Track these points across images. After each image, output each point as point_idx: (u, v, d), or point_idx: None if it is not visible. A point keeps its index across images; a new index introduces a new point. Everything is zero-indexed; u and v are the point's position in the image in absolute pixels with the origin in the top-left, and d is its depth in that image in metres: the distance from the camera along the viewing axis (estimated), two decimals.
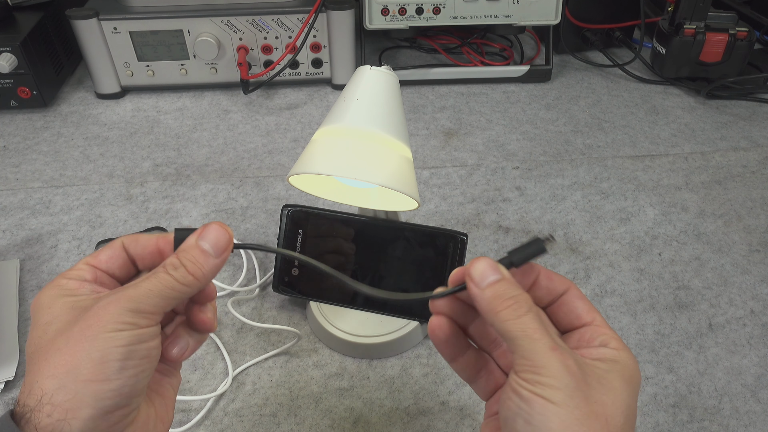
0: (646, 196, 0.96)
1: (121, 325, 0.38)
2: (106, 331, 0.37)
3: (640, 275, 0.83)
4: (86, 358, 0.37)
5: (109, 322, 0.38)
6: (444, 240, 0.65)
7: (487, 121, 1.15)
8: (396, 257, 0.66)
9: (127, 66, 1.18)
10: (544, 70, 1.26)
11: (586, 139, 1.10)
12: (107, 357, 0.37)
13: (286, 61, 1.18)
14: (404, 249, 0.66)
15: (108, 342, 0.37)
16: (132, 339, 0.38)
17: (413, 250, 0.65)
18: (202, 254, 0.41)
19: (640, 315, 0.78)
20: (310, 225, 0.70)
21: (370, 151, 0.57)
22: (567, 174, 1.01)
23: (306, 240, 0.69)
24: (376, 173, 0.56)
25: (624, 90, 1.25)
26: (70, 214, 0.93)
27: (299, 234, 0.69)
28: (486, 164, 1.03)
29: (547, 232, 0.89)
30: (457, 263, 0.65)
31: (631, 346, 0.73)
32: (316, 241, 0.70)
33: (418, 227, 0.65)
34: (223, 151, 1.07)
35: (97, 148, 1.08)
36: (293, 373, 0.71)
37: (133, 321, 0.38)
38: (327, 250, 0.70)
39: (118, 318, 0.38)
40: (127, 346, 0.37)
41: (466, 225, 0.90)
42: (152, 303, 0.39)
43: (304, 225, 0.70)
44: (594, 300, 0.79)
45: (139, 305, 0.39)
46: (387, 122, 0.58)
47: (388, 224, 0.67)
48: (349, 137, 0.57)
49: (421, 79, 1.25)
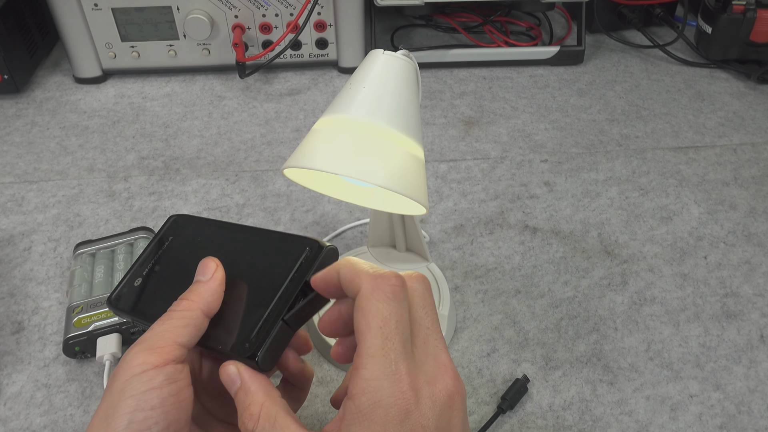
0: (690, 193, 0.97)
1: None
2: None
3: (683, 281, 0.84)
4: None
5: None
6: (298, 248, 0.55)
7: (512, 108, 1.15)
8: (246, 266, 0.57)
9: (109, 47, 1.19)
10: (575, 51, 1.27)
11: (622, 128, 1.10)
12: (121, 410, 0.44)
13: (287, 41, 1.19)
14: (255, 257, 0.60)
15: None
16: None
17: (264, 258, 0.58)
18: (196, 284, 0.51)
19: (683, 326, 0.78)
20: (184, 232, 0.63)
21: (372, 148, 0.57)
22: (601, 168, 1.01)
23: (170, 248, 0.62)
24: (374, 172, 0.56)
25: (665, 74, 1.26)
26: (45, 213, 0.94)
27: (168, 240, 0.62)
28: (511, 157, 1.04)
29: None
30: (307, 275, 0.53)
31: (673, 360, 0.74)
32: (179, 249, 0.62)
33: (277, 234, 0.58)
34: (216, 142, 1.08)
35: (75, 139, 1.09)
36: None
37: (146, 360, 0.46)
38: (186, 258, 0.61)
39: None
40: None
41: (488, 225, 0.91)
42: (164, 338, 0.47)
43: (178, 232, 0.63)
44: (632, 309, 0.80)
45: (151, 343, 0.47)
46: (395, 115, 0.58)
47: (250, 231, 0.62)
48: (350, 130, 0.58)
49: (438, 61, 1.25)
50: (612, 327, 0.78)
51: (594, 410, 0.70)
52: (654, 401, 0.70)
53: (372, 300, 0.43)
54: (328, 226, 0.91)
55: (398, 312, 0.43)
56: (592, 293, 0.82)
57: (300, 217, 0.92)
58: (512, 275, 0.84)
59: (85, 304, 0.74)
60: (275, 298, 0.50)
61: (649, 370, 0.73)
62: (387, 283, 0.44)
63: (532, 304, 0.80)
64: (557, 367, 0.74)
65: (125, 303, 0.58)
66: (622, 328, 0.78)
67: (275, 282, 0.52)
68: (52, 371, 0.73)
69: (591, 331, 0.77)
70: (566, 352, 0.75)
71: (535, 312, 0.80)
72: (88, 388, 0.72)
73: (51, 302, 0.81)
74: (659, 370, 0.73)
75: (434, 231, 0.90)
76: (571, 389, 0.71)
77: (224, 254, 0.56)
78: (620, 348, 0.76)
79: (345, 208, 0.94)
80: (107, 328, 0.72)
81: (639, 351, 0.75)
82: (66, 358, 0.74)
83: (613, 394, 0.71)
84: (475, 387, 0.72)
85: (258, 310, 0.50)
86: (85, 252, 0.81)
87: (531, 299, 0.81)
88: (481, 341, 0.76)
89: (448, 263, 0.86)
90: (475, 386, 0.72)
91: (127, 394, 0.44)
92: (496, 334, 0.77)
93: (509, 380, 0.72)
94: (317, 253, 0.52)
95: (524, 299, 0.81)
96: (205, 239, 0.59)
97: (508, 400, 0.69)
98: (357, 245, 0.88)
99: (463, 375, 0.73)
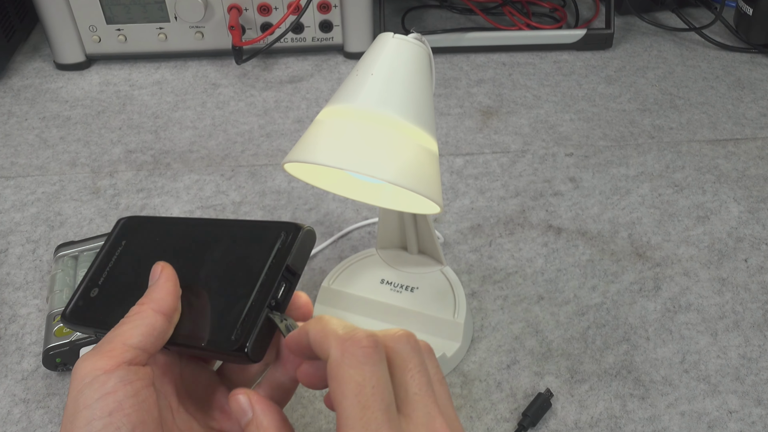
0: (729, 189, 0.97)
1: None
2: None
3: (721, 286, 0.84)
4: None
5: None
6: (272, 233, 0.57)
7: (534, 97, 1.15)
8: (214, 260, 0.58)
9: (93, 30, 1.19)
10: (604, 34, 1.27)
11: (655, 119, 1.10)
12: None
13: (288, 23, 1.19)
14: (225, 249, 0.60)
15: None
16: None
17: (234, 249, 0.60)
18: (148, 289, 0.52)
19: (721, 335, 0.78)
20: (139, 234, 0.63)
21: (381, 140, 0.57)
22: (632, 162, 1.01)
23: (125, 253, 0.62)
24: (383, 167, 0.56)
25: (702, 59, 1.25)
26: (23, 212, 0.95)
27: (121, 245, 0.62)
28: (533, 150, 1.04)
29: None
30: (286, 260, 0.55)
31: (710, 373, 0.74)
32: (135, 252, 0.62)
33: (247, 222, 0.59)
34: (210, 134, 1.08)
35: (56, 131, 1.09)
36: (297, 406, 0.72)
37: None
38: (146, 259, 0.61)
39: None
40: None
41: (508, 224, 0.91)
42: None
43: (132, 235, 0.63)
44: (665, 317, 0.80)
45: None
46: (406, 105, 0.59)
47: (213, 224, 0.62)
48: (357, 121, 0.58)
49: (454, 45, 1.26)
50: (643, 336, 0.78)
51: (624, 427, 0.70)
52: (689, 418, 0.70)
53: (343, 366, 0.43)
54: (332, 227, 0.91)
55: (374, 376, 0.42)
56: (621, 299, 0.82)
57: (302, 217, 0.92)
58: (534, 280, 0.84)
59: None
60: (256, 287, 0.51)
61: (684, 384, 0.73)
62: (357, 345, 0.43)
63: (556, 312, 0.80)
64: (584, 380, 0.74)
65: (84, 316, 0.58)
66: (655, 338, 0.78)
67: (253, 271, 0.52)
68: (31, 385, 0.74)
69: (620, 341, 0.77)
70: (593, 364, 0.75)
71: (559, 320, 0.80)
72: None
73: (30, 309, 0.81)
74: (695, 384, 0.73)
75: (449, 231, 0.90)
76: (598, 405, 0.71)
77: (188, 251, 0.57)
78: (652, 359, 0.76)
79: (351, 206, 0.94)
80: (90, 338, 0.72)
81: (673, 363, 0.75)
82: (46, 371, 0.75)
83: (645, 410, 0.71)
84: (494, 402, 0.72)
85: (239, 302, 0.50)
86: (66, 254, 0.81)
87: (555, 306, 0.81)
88: (500, 352, 0.76)
89: (464, 267, 0.86)
90: (494, 401, 0.72)
91: (82, 405, 0.44)
92: (517, 345, 0.77)
93: (531, 395, 0.72)
94: (294, 236, 0.52)
95: (547, 306, 0.81)
96: (164, 239, 0.60)
97: (529, 416, 0.69)
98: (364, 247, 0.88)
99: (480, 388, 0.73)
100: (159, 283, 0.51)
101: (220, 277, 0.54)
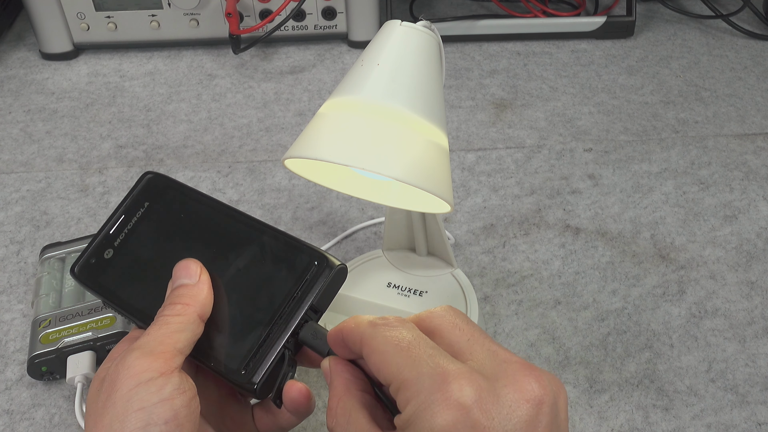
0: (759, 187, 0.97)
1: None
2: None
3: (750, 290, 0.84)
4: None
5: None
6: (304, 260, 0.56)
7: (550, 89, 1.15)
8: (238, 267, 0.57)
9: (81, 17, 1.19)
10: (625, 22, 1.27)
11: (679, 112, 1.10)
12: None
13: (288, 10, 1.19)
14: (251, 258, 0.57)
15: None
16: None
17: (261, 263, 0.58)
18: (182, 288, 0.52)
19: (750, 342, 0.78)
20: (164, 200, 0.62)
21: (388, 135, 0.57)
22: (655, 158, 1.01)
23: (148, 215, 0.61)
24: (390, 163, 0.56)
25: (729, 48, 1.25)
26: (6, 211, 0.95)
27: (143, 206, 0.61)
28: (549, 145, 1.04)
29: None
30: (311, 296, 0.55)
31: (738, 382, 0.74)
32: (157, 220, 0.61)
33: (281, 235, 0.57)
34: (206, 128, 1.08)
35: (42, 124, 1.09)
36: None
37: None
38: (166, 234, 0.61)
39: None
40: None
41: (523, 224, 0.91)
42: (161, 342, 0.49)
43: (157, 198, 0.62)
44: (690, 322, 0.80)
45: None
46: (415, 97, 0.59)
47: (246, 222, 0.60)
48: (362, 114, 0.58)
49: (465, 34, 1.26)
50: (667, 344, 0.78)
51: None
52: (716, 430, 0.70)
53: (377, 336, 0.44)
54: (336, 227, 0.91)
55: (410, 333, 0.44)
56: (644, 304, 0.82)
57: (303, 216, 0.92)
58: (551, 283, 0.84)
59: (53, 317, 0.74)
60: (276, 317, 0.51)
61: (711, 394, 0.73)
62: (386, 321, 0.45)
63: (574, 317, 0.80)
64: (603, 390, 0.74)
65: (94, 277, 0.58)
66: (679, 345, 0.78)
67: (276, 296, 0.52)
68: (15, 395, 0.74)
69: (643, 348, 0.77)
70: (614, 373, 0.75)
71: (577, 326, 0.80)
72: (57, 415, 0.72)
73: (13, 315, 0.82)
74: (722, 394, 0.73)
75: (460, 232, 0.90)
76: (619, 416, 0.71)
77: (214, 244, 0.56)
78: (677, 368, 0.76)
79: (356, 205, 0.94)
80: (79, 345, 0.72)
81: (699, 371, 0.75)
82: (31, 380, 0.75)
83: (669, 422, 0.71)
84: None
85: (255, 328, 0.50)
86: (53, 256, 0.81)
87: (573, 311, 0.81)
88: None
89: (476, 269, 0.86)
90: None
91: (136, 406, 0.44)
92: (532, 352, 0.77)
93: None
94: (325, 271, 0.52)
95: (565, 311, 0.81)
96: (190, 218, 0.59)
97: None
98: (370, 248, 0.88)
99: None
100: (202, 288, 0.52)
101: (241, 290, 0.54)
